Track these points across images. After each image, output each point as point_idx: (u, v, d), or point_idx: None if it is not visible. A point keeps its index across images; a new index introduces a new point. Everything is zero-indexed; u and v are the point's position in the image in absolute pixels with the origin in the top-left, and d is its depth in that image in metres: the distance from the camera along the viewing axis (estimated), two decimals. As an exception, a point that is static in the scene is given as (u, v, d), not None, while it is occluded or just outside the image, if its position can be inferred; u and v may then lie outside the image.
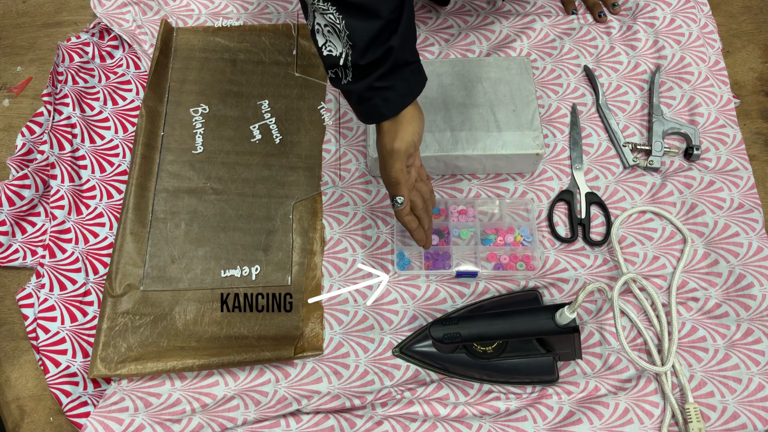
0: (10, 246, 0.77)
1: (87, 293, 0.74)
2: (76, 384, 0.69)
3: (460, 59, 0.84)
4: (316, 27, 0.57)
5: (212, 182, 0.80)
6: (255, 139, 0.83)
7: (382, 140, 0.62)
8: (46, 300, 0.72)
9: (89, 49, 0.88)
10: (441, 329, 0.65)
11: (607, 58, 0.87)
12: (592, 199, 0.78)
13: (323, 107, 0.85)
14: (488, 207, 0.78)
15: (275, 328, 0.72)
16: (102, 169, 0.81)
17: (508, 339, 0.67)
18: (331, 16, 0.54)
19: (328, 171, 0.81)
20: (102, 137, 0.83)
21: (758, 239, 0.74)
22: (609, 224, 0.77)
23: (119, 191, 0.80)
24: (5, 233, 0.77)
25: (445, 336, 0.65)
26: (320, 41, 0.57)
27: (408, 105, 0.60)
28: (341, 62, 0.57)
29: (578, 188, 0.79)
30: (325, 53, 0.57)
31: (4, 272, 0.77)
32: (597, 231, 0.77)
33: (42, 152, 0.81)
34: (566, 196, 0.78)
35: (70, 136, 0.81)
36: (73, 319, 0.72)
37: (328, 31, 0.56)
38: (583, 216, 0.77)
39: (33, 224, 0.78)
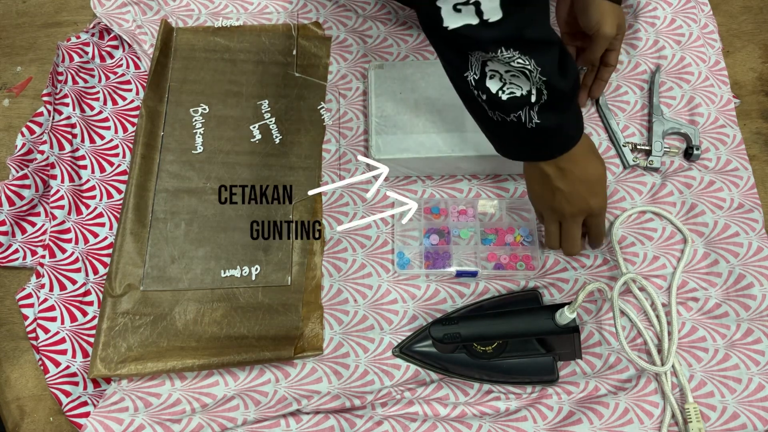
0: (10, 246, 0.77)
1: (87, 293, 0.74)
2: (76, 384, 0.69)
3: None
4: (490, 74, 0.56)
5: (212, 182, 0.80)
6: (255, 139, 0.83)
7: (583, 168, 0.61)
8: (46, 300, 0.72)
9: (89, 49, 0.88)
10: (441, 329, 0.65)
11: (607, 58, 0.87)
12: (592, 199, 0.78)
13: (323, 107, 0.85)
14: (488, 207, 0.78)
15: (275, 328, 0.72)
16: (102, 169, 0.81)
17: (508, 339, 0.67)
18: (519, 61, 0.54)
19: (328, 171, 0.81)
20: (102, 137, 0.83)
21: (758, 239, 0.74)
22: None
23: (119, 191, 0.80)
24: (5, 233, 0.77)
25: (445, 336, 0.65)
26: (493, 87, 0.56)
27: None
28: (533, 99, 0.56)
29: (578, 188, 0.79)
30: (505, 97, 0.56)
31: (4, 272, 0.77)
32: (597, 231, 0.77)
33: (42, 152, 0.81)
34: (566, 196, 0.78)
35: (70, 136, 0.81)
36: (73, 319, 0.72)
37: (511, 75, 0.55)
38: (583, 216, 0.77)
39: (33, 224, 0.78)
